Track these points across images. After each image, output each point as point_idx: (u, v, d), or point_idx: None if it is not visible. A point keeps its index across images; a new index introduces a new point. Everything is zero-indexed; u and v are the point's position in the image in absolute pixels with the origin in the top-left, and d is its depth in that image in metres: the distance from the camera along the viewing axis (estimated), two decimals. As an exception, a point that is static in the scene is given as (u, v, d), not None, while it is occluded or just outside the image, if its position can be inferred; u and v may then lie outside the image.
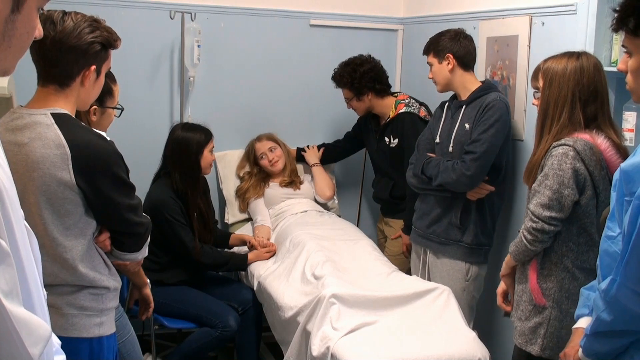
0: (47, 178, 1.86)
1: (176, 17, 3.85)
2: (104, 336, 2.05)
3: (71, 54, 1.88)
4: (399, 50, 4.43)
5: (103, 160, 1.92)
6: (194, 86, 4.00)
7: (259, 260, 3.56)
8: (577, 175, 2.32)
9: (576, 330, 1.98)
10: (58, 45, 1.86)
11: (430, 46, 3.23)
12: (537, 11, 3.12)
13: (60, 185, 1.88)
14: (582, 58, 2.43)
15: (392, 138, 3.76)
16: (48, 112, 1.89)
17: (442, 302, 2.90)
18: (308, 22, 4.28)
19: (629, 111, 2.72)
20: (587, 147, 2.34)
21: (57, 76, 1.91)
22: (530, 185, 2.47)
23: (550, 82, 2.43)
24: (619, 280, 1.61)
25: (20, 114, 1.92)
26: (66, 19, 1.87)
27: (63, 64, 1.89)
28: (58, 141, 1.86)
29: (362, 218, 4.51)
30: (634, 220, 1.56)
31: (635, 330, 1.66)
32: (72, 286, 1.97)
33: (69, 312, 1.96)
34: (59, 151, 1.86)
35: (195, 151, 3.40)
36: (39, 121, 1.88)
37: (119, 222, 2.03)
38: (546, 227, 2.35)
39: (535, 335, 2.44)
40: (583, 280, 2.42)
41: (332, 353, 2.59)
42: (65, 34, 1.85)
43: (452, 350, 2.60)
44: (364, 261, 3.32)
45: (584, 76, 2.40)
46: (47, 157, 1.86)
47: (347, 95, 3.85)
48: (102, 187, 1.93)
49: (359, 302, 2.83)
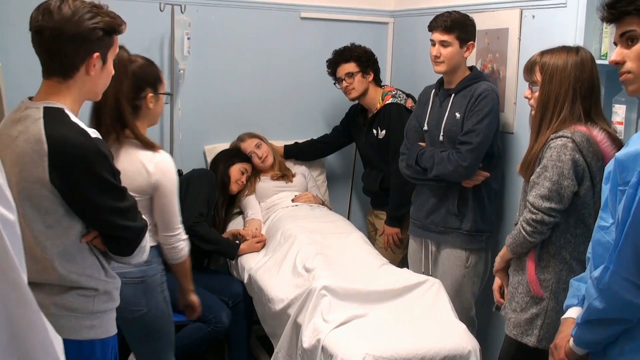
0: (25, 174, 1.79)
1: (166, 10, 3.84)
2: (96, 339, 1.95)
3: (72, 43, 1.79)
4: (389, 42, 4.43)
5: (81, 158, 1.80)
6: (184, 79, 3.99)
7: (251, 252, 3.56)
8: (576, 167, 2.34)
9: (565, 320, 1.98)
10: (57, 34, 1.77)
11: (455, 26, 3.11)
12: (528, 4, 3.13)
13: (37, 183, 1.79)
14: (581, 52, 2.44)
15: (380, 130, 3.77)
16: (42, 105, 1.82)
17: (433, 295, 2.91)
18: (299, 15, 4.27)
19: (619, 104, 2.73)
20: (585, 139, 2.35)
21: (59, 67, 1.82)
22: (527, 178, 2.47)
23: (551, 77, 2.43)
24: (612, 268, 1.63)
25: (21, 107, 1.87)
26: (63, 6, 1.77)
27: (64, 54, 1.80)
28: (38, 136, 1.77)
29: (353, 211, 4.51)
30: (627, 209, 1.58)
31: (626, 318, 1.68)
32: (58, 286, 1.88)
33: (56, 313, 1.86)
34: (38, 147, 1.77)
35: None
36: (30, 115, 1.82)
37: (103, 225, 1.91)
38: (546, 219, 2.36)
39: (531, 327, 2.44)
40: (580, 271, 2.40)
41: (323, 345, 2.59)
42: (64, 22, 1.76)
43: (442, 342, 2.61)
44: (355, 254, 3.32)
45: (584, 71, 2.41)
46: (27, 152, 1.78)
47: (353, 70, 3.81)
48: (81, 187, 1.82)
49: (349, 294, 2.84)
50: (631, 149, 1.64)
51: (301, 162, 4.25)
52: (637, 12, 1.66)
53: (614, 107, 2.75)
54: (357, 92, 3.84)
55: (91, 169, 1.81)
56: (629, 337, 1.71)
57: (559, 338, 1.96)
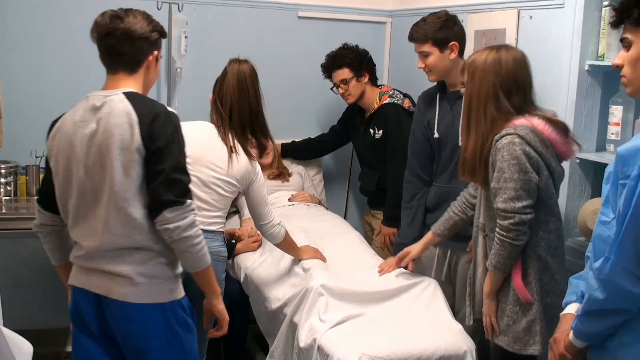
0: (120, 143, 2.08)
1: (163, 8, 3.84)
2: (175, 300, 2.23)
3: (139, 42, 2.18)
4: (387, 42, 4.43)
5: (165, 119, 2.11)
6: (182, 77, 3.99)
7: (247, 251, 3.55)
8: (530, 159, 2.34)
9: (564, 316, 1.99)
10: (128, 35, 2.15)
11: (427, 34, 3.05)
12: (525, 5, 3.13)
13: (129, 149, 2.07)
14: (501, 51, 2.46)
15: (377, 130, 3.77)
16: (119, 91, 2.15)
17: (429, 295, 2.91)
18: (296, 14, 4.27)
19: (616, 105, 2.74)
20: (529, 130, 2.36)
21: (126, 63, 2.19)
22: (477, 180, 2.49)
23: (472, 76, 2.46)
24: (612, 258, 1.67)
25: (95, 96, 2.17)
26: (128, 13, 2.18)
27: (131, 53, 2.18)
28: (127, 110, 2.10)
29: (349, 211, 4.51)
30: (628, 201, 1.62)
31: (627, 308, 1.71)
32: (139, 251, 2.14)
33: (140, 282, 2.15)
34: (128, 118, 2.08)
35: None
36: (113, 99, 2.14)
37: (164, 177, 2.09)
38: (524, 217, 2.32)
39: (531, 335, 2.39)
40: (556, 267, 2.43)
41: (319, 345, 2.59)
42: (132, 25, 2.16)
43: (438, 342, 2.61)
44: (352, 254, 3.32)
45: (501, 68, 2.42)
46: (120, 124, 2.08)
47: (346, 76, 3.80)
48: (159, 143, 2.08)
49: (346, 294, 2.84)
50: (632, 144, 1.69)
51: (298, 162, 4.24)
52: (630, 21, 1.71)
53: (611, 108, 2.76)
54: (353, 97, 3.84)
55: (176, 130, 2.13)
56: (628, 329, 1.74)
57: (558, 332, 1.97)
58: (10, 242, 2.99)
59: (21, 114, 3.66)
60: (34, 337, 2.16)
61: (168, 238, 2.12)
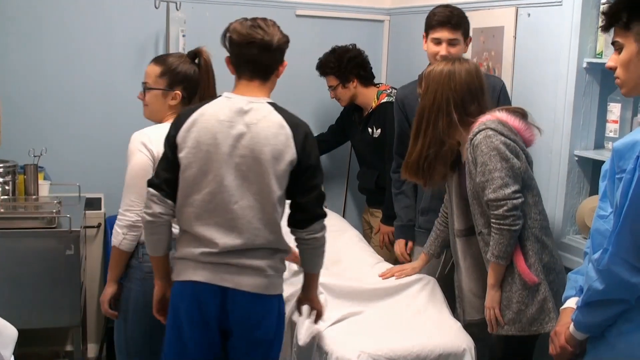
0: (276, 152, 2.18)
1: (161, 7, 3.83)
2: (282, 293, 2.35)
3: (276, 53, 2.27)
4: (385, 40, 4.43)
5: (311, 135, 2.28)
6: (179, 76, 3.97)
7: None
8: (508, 146, 2.41)
9: (564, 310, 2.02)
10: (268, 46, 2.23)
11: (461, 22, 2.97)
12: (523, 2, 3.13)
13: (283, 159, 2.19)
14: (456, 64, 2.55)
15: (375, 128, 3.77)
16: (263, 100, 2.27)
17: (428, 293, 2.91)
18: (294, 13, 4.27)
19: (614, 102, 2.74)
20: (497, 122, 2.45)
21: (264, 72, 2.29)
22: (420, 181, 2.63)
23: (427, 88, 2.56)
24: (611, 249, 1.70)
25: (238, 99, 2.26)
26: (269, 23, 2.27)
27: (268, 62, 2.28)
28: (280, 122, 2.22)
29: (348, 209, 4.51)
30: (625, 194, 1.66)
31: (625, 298, 1.74)
32: (270, 250, 2.25)
33: (271, 274, 2.25)
34: (284, 131, 2.20)
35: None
36: (261, 107, 2.24)
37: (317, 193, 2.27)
38: (515, 202, 2.38)
39: (545, 313, 2.44)
40: (552, 245, 2.51)
41: (318, 343, 2.60)
42: (271, 36, 2.24)
43: (437, 340, 2.61)
44: (351, 252, 3.32)
45: (453, 80, 2.51)
46: (275, 135, 2.19)
47: (333, 83, 3.84)
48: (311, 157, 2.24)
49: (345, 292, 2.84)
50: (628, 138, 1.72)
51: (296, 160, 4.24)
52: (619, 25, 1.75)
53: (609, 106, 2.76)
54: (344, 101, 3.88)
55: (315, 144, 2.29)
56: (626, 319, 1.76)
57: (559, 325, 2.01)
58: (8, 242, 2.99)
59: (19, 113, 3.66)
60: (33, 337, 2.15)
61: (310, 245, 2.30)
